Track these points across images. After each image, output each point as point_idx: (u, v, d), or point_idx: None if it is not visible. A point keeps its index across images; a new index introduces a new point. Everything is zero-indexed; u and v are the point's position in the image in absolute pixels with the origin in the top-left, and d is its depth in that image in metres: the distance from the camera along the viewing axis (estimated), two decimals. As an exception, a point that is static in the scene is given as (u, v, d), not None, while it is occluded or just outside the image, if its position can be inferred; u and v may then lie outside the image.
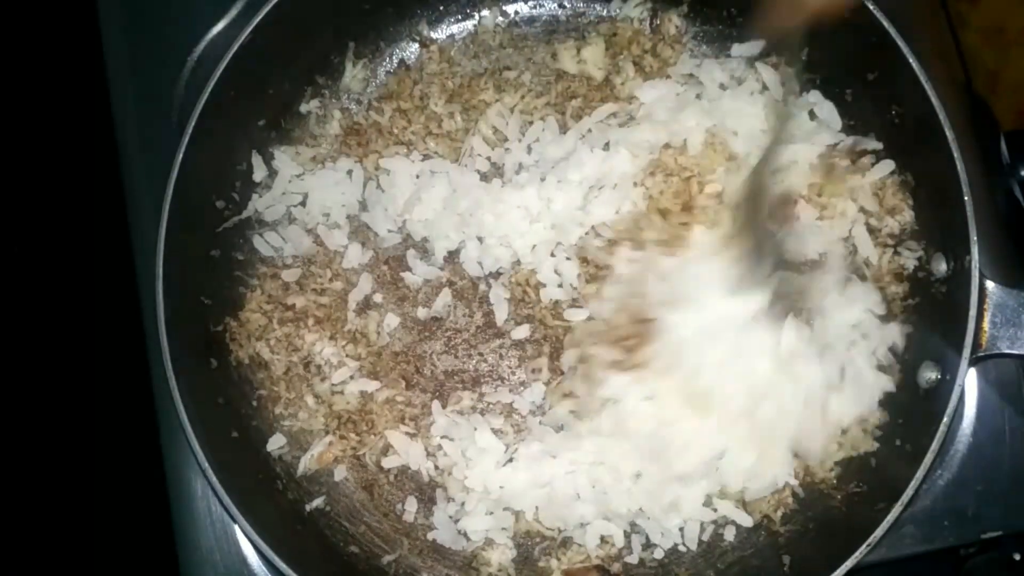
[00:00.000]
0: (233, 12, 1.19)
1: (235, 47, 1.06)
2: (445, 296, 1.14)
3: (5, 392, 1.26)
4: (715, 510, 1.06)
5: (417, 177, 1.14)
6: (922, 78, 1.01)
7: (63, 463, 1.28)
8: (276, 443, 1.10)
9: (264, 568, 1.07)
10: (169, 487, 1.10)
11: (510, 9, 1.22)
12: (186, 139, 1.04)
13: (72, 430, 1.29)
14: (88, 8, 1.22)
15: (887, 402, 1.06)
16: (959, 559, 1.07)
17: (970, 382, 1.09)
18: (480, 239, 1.13)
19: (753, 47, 1.15)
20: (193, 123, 1.05)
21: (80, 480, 1.28)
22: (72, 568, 1.26)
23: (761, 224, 1.04)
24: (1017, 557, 1.07)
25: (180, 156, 1.04)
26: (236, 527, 1.04)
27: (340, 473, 1.11)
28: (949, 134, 0.99)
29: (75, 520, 1.27)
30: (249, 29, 1.06)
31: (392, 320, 1.13)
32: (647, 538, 1.08)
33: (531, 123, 1.16)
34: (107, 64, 1.20)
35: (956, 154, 0.99)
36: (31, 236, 1.32)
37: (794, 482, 1.06)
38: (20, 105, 1.31)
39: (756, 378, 1.01)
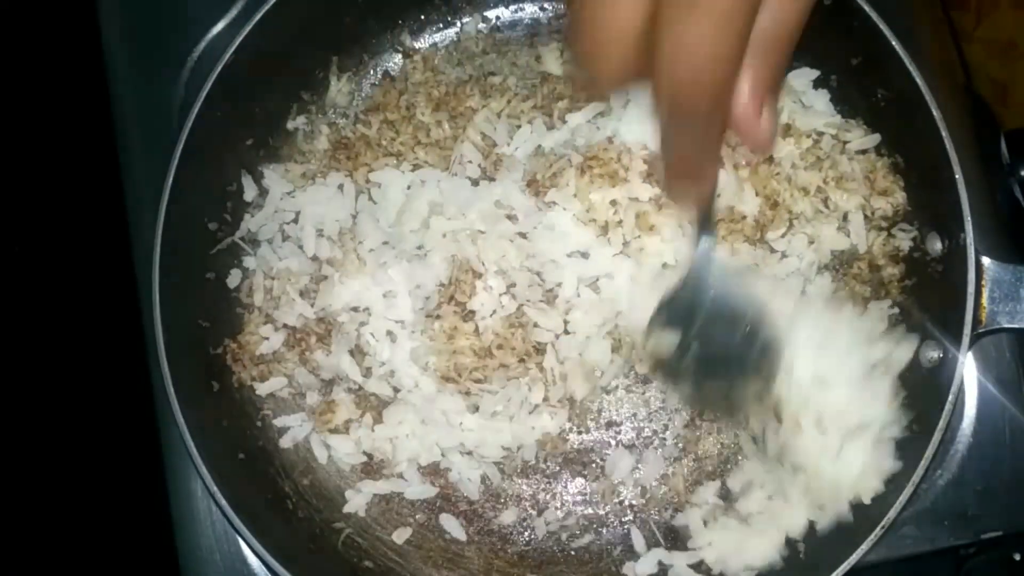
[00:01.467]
0: (233, 13, 1.19)
1: (218, 68, 1.06)
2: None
3: (6, 395, 1.26)
4: None
5: (408, 188, 1.14)
6: (904, 58, 1.01)
7: (64, 466, 1.28)
8: (283, 461, 1.11)
9: (264, 569, 1.07)
10: (169, 487, 1.10)
11: (491, 15, 1.23)
12: (174, 164, 1.04)
13: (72, 431, 1.29)
14: (88, 8, 1.21)
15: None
16: (959, 559, 1.07)
17: (970, 381, 1.09)
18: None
19: None
20: (181, 147, 1.04)
21: (80, 480, 1.28)
22: (72, 568, 1.26)
23: None
24: (1017, 557, 1.07)
25: (169, 181, 1.04)
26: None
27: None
28: (936, 113, 0.99)
29: (75, 520, 1.27)
30: (231, 51, 1.06)
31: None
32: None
33: (519, 127, 1.16)
34: (107, 64, 1.20)
35: (944, 132, 0.99)
36: (31, 236, 1.32)
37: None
38: (20, 105, 1.31)
39: None
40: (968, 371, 1.05)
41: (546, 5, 1.22)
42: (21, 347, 1.28)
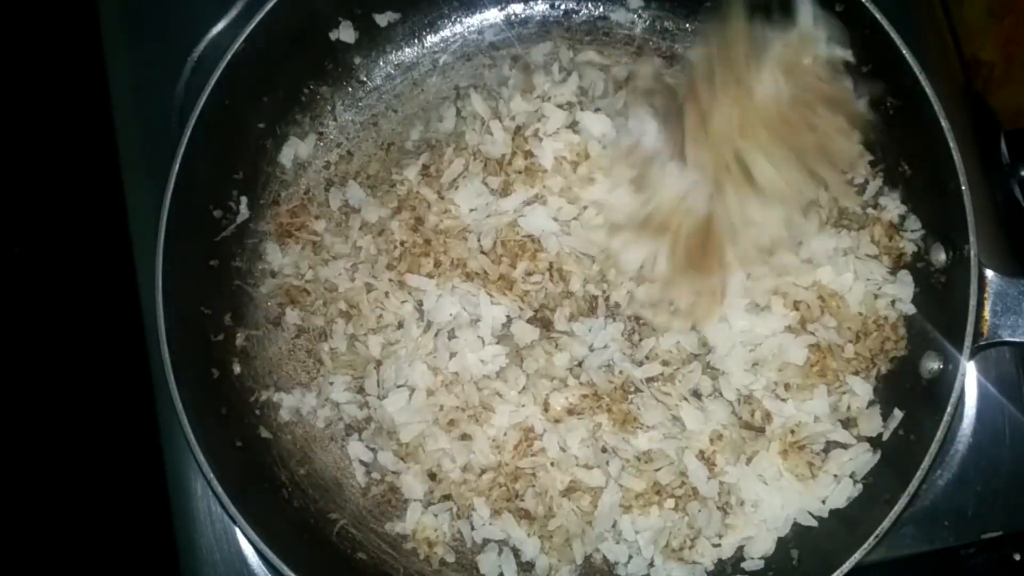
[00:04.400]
0: (233, 12, 1.18)
1: (228, 57, 1.06)
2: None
3: (6, 392, 1.27)
4: None
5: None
6: (915, 67, 1.01)
7: (63, 466, 1.29)
8: (280, 450, 1.11)
9: (264, 568, 1.07)
10: (169, 487, 1.10)
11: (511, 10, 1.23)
12: (181, 150, 1.04)
13: (72, 431, 1.30)
14: (88, 8, 1.21)
15: (891, 397, 1.06)
16: (959, 559, 1.07)
17: (970, 382, 1.09)
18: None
19: None
20: (188, 134, 1.04)
21: (80, 480, 1.28)
22: (73, 568, 1.27)
23: None
24: (1017, 557, 1.07)
25: (176, 168, 1.04)
26: (236, 528, 1.04)
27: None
28: (944, 124, 0.99)
29: (75, 519, 1.28)
30: (241, 39, 1.06)
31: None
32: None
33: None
34: (107, 64, 1.20)
35: (952, 143, 0.99)
36: (31, 236, 1.32)
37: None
38: (20, 105, 1.32)
39: None
40: (968, 371, 1.05)
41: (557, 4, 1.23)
42: (21, 344, 1.29)
